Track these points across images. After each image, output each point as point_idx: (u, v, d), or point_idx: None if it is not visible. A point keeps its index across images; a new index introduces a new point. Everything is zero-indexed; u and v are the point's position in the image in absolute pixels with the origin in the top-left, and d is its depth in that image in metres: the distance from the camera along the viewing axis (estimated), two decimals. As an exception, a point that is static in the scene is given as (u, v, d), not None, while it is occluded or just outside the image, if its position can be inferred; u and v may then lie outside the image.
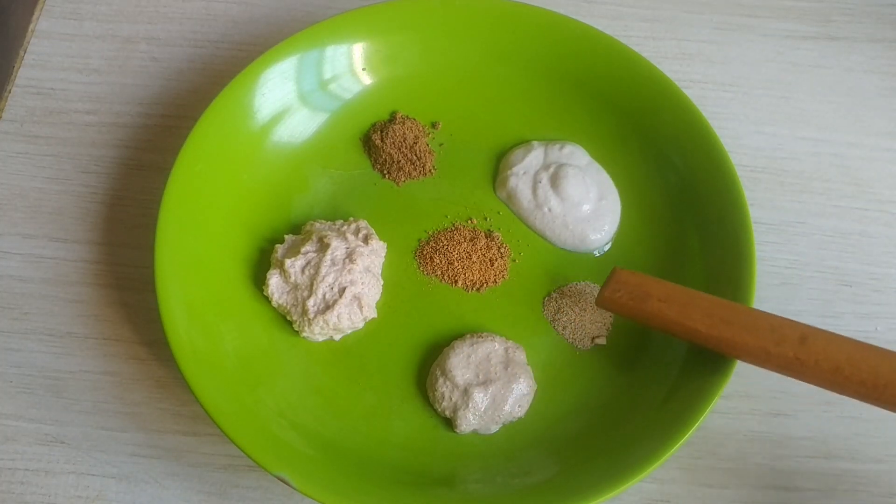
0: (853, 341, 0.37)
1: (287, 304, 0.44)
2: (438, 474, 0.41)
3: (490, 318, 0.46)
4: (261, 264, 0.46)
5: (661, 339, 0.45)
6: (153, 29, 0.56)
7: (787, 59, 0.56)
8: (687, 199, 0.48)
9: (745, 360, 0.39)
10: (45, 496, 0.42)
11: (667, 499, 0.43)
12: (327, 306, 0.43)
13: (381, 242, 0.46)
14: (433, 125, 0.51)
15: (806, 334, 0.38)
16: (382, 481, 0.40)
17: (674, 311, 0.40)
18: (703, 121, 0.47)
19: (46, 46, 0.55)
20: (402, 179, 0.50)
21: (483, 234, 0.48)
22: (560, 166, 0.48)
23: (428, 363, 0.44)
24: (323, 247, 0.44)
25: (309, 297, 0.43)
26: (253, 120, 0.48)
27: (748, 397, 0.45)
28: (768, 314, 0.39)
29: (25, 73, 0.54)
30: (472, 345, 0.43)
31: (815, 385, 0.38)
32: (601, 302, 0.42)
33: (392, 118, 0.51)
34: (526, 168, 0.49)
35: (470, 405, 0.42)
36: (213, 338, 0.42)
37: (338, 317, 0.43)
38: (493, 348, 0.43)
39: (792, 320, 0.39)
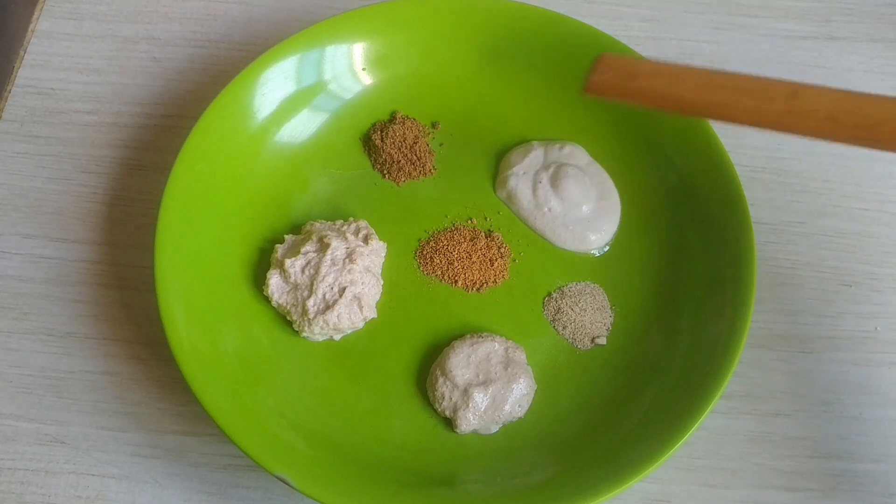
0: (841, 90, 0.37)
1: (287, 304, 0.44)
2: (438, 474, 0.41)
3: (490, 318, 0.46)
4: (261, 264, 0.46)
5: (661, 339, 0.45)
6: (153, 29, 0.56)
7: (787, 59, 0.56)
8: (687, 199, 0.48)
9: (739, 122, 0.38)
10: (45, 496, 0.42)
11: (667, 499, 0.43)
12: (327, 306, 0.43)
13: (381, 242, 0.46)
14: (433, 125, 0.51)
15: (796, 89, 0.38)
16: (382, 481, 0.40)
17: (664, 83, 0.39)
18: (703, 121, 0.47)
19: (46, 46, 0.55)
20: (402, 179, 0.50)
21: (483, 234, 0.48)
22: (560, 166, 0.48)
23: (428, 363, 0.44)
24: (323, 247, 0.44)
25: (309, 297, 0.43)
26: (253, 120, 0.48)
27: (748, 397, 0.45)
28: (758, 76, 0.39)
29: (25, 73, 0.54)
30: (472, 345, 0.43)
31: (811, 136, 0.37)
32: (590, 87, 0.40)
33: (392, 118, 0.51)
34: (526, 168, 0.49)
35: (470, 405, 0.42)
36: (213, 338, 0.42)
37: (338, 317, 0.43)
38: (493, 348, 0.43)
39: (781, 79, 0.38)
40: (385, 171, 0.50)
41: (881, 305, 0.48)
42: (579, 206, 0.48)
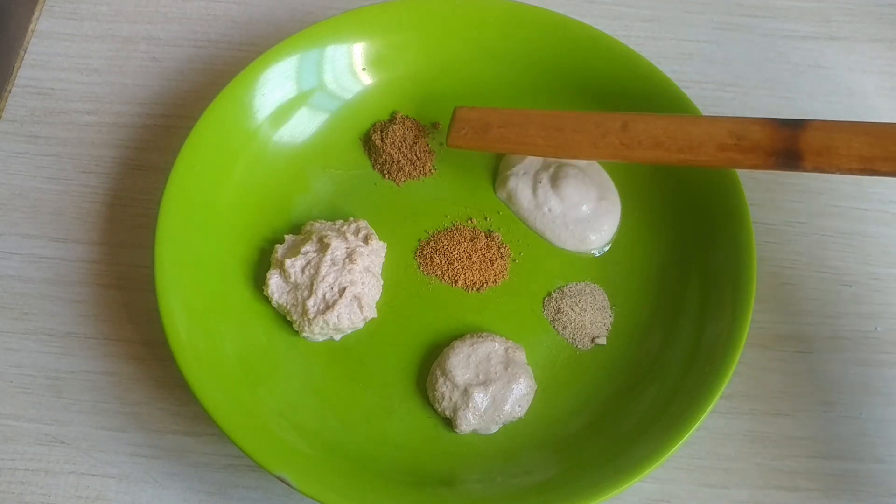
0: (671, 117, 0.42)
1: (287, 304, 0.44)
2: (438, 474, 0.41)
3: (490, 318, 0.46)
4: (261, 264, 0.46)
5: (661, 339, 0.45)
6: (153, 29, 0.56)
7: (787, 59, 0.56)
8: (687, 199, 0.48)
9: (582, 158, 0.44)
10: (45, 496, 0.42)
11: (667, 499, 0.43)
12: (327, 306, 0.43)
13: (381, 242, 0.46)
14: (433, 125, 0.51)
15: (626, 121, 0.42)
16: (382, 481, 0.40)
17: (513, 133, 0.44)
18: (703, 121, 0.47)
19: (46, 46, 0.55)
20: (402, 179, 0.50)
21: (483, 234, 0.48)
22: (560, 166, 0.48)
23: (428, 363, 0.44)
24: (323, 247, 0.44)
25: (309, 297, 0.43)
26: (253, 120, 0.48)
27: (748, 397, 0.45)
28: (594, 113, 0.44)
29: (25, 73, 0.54)
30: (472, 345, 0.43)
31: (645, 163, 0.42)
32: (451, 142, 0.46)
33: (392, 118, 0.51)
34: (526, 168, 0.49)
35: (470, 405, 0.42)
36: (213, 338, 0.42)
37: (338, 317, 0.43)
38: (493, 348, 0.43)
39: (616, 113, 0.44)
40: (385, 171, 0.50)
41: (881, 305, 0.48)
42: (579, 206, 0.48)
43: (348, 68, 0.51)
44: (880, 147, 0.38)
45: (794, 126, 0.40)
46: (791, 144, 0.39)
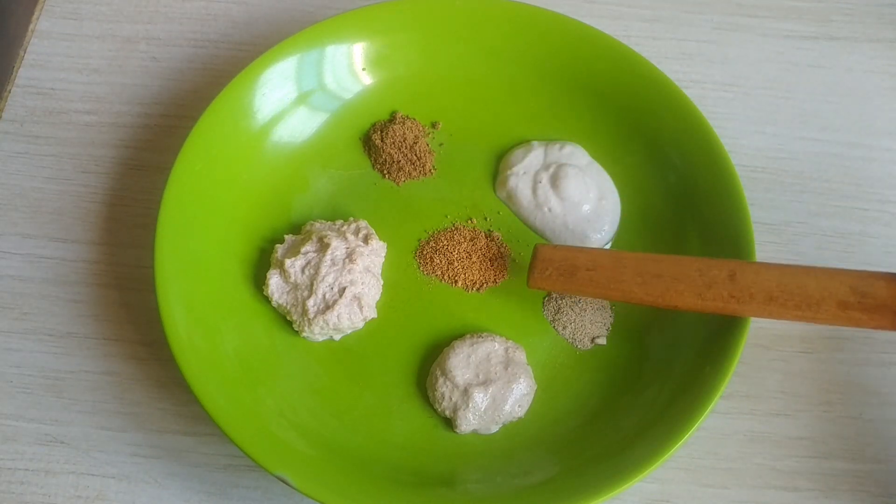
0: (781, 267, 0.38)
1: (287, 304, 0.44)
2: (438, 474, 0.41)
3: (490, 318, 0.46)
4: (261, 264, 0.46)
5: (661, 339, 0.45)
6: (153, 29, 0.56)
7: (787, 59, 0.56)
8: (687, 199, 0.48)
9: (685, 309, 0.40)
10: (45, 496, 0.42)
11: (667, 499, 0.43)
12: (327, 306, 0.43)
13: (381, 242, 0.46)
14: (433, 125, 0.51)
15: (734, 270, 0.39)
16: (382, 481, 0.40)
17: (604, 277, 0.40)
18: (703, 121, 0.47)
19: (46, 46, 0.55)
20: (402, 179, 0.50)
21: (483, 234, 0.48)
22: (560, 166, 0.48)
23: (428, 363, 0.44)
24: (323, 247, 0.44)
25: (309, 297, 0.43)
26: (253, 120, 0.48)
27: (748, 397, 0.45)
28: (696, 258, 0.40)
29: (25, 73, 0.54)
30: (472, 345, 0.43)
31: (757, 317, 0.38)
32: (533, 284, 0.42)
33: (392, 118, 0.51)
34: (526, 168, 0.49)
35: (470, 405, 0.42)
36: (213, 338, 0.42)
37: (338, 317, 0.43)
38: (493, 348, 0.43)
39: (721, 260, 0.40)
40: (385, 171, 0.50)
41: (881, 305, 0.48)
42: (579, 205, 0.48)
43: (348, 68, 0.51)
44: None
45: None
46: None
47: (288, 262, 0.44)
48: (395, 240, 0.47)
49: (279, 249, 0.45)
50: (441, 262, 0.47)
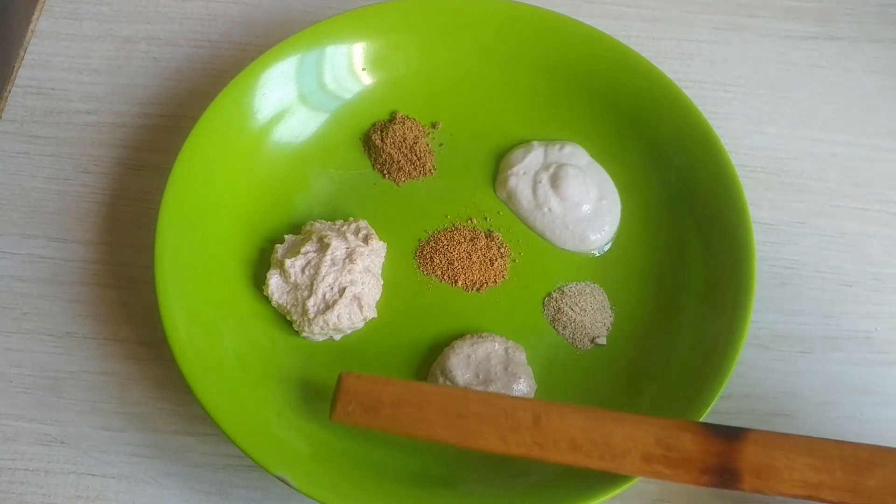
0: (591, 412, 0.37)
1: (287, 304, 0.44)
2: (438, 474, 0.41)
3: (490, 318, 0.46)
4: (261, 264, 0.46)
5: (661, 339, 0.45)
6: (153, 29, 0.56)
7: (787, 59, 0.56)
8: (687, 199, 0.48)
9: (490, 452, 0.37)
10: (45, 496, 0.42)
11: (667, 499, 0.43)
12: (327, 306, 0.43)
13: (381, 242, 0.46)
14: (433, 125, 0.51)
15: (539, 412, 0.37)
16: (382, 481, 0.40)
17: (408, 415, 0.37)
18: (703, 121, 0.47)
19: (46, 46, 0.55)
20: (402, 179, 0.50)
21: (483, 234, 0.48)
22: (560, 166, 0.48)
23: (428, 363, 0.44)
24: (323, 247, 0.44)
25: (309, 297, 0.43)
26: (253, 120, 0.48)
27: (748, 397, 0.45)
28: (503, 397, 0.38)
29: (25, 73, 0.54)
30: (472, 345, 0.43)
31: (563, 464, 0.36)
32: (335, 418, 0.38)
33: (392, 118, 0.51)
34: (526, 168, 0.49)
35: (470, 405, 0.42)
36: (213, 338, 0.42)
37: (338, 317, 0.43)
38: (493, 348, 0.43)
39: (527, 400, 0.38)
40: (385, 171, 0.50)
41: (881, 305, 0.48)
42: (579, 205, 0.48)
43: (348, 68, 0.51)
44: (827, 472, 0.34)
45: (731, 438, 0.35)
46: (726, 461, 0.35)
47: (288, 262, 0.44)
48: (395, 240, 0.47)
49: (279, 249, 0.45)
50: (441, 262, 0.47)
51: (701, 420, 0.39)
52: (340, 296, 0.43)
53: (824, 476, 0.34)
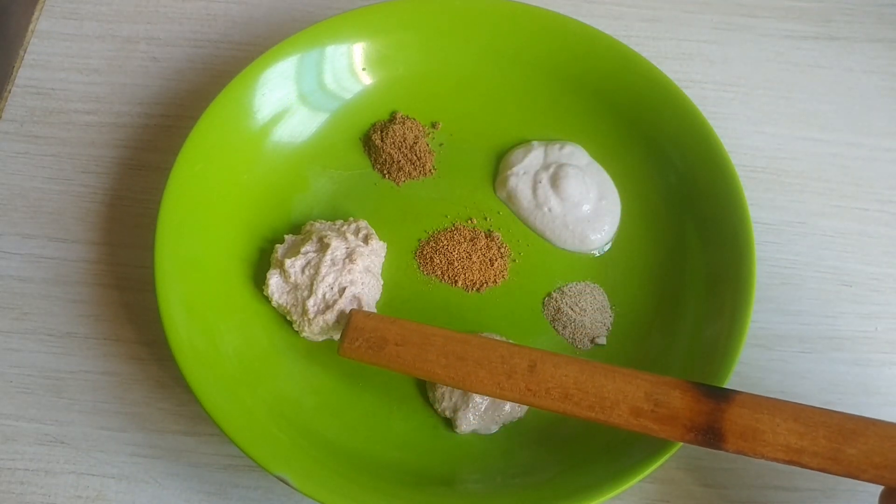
0: (584, 364, 0.38)
1: (287, 304, 0.44)
2: (438, 474, 0.41)
3: (490, 318, 0.46)
4: (261, 264, 0.46)
5: (661, 339, 0.45)
6: (153, 29, 0.56)
7: (787, 59, 0.56)
8: (687, 199, 0.48)
9: (485, 394, 0.39)
10: (45, 496, 0.42)
11: (667, 499, 0.43)
12: (327, 306, 0.43)
13: (381, 242, 0.46)
14: (433, 125, 0.51)
15: (535, 361, 0.38)
16: (382, 481, 0.40)
17: (410, 354, 0.39)
18: (703, 121, 0.47)
19: (46, 46, 0.55)
20: (402, 179, 0.50)
21: (483, 234, 0.48)
22: (560, 166, 0.48)
23: (428, 363, 0.44)
24: (323, 247, 0.44)
25: (309, 297, 0.43)
26: (253, 120, 0.48)
27: (748, 397, 0.45)
28: (502, 343, 0.39)
29: (25, 73, 0.54)
30: (472, 345, 0.43)
31: (552, 412, 0.38)
32: (342, 352, 0.41)
33: (392, 118, 0.51)
34: (526, 168, 0.49)
35: (470, 405, 0.42)
36: (213, 338, 0.42)
37: (338, 317, 0.43)
38: (493, 348, 0.43)
39: (525, 348, 0.39)
40: (385, 171, 0.50)
41: (881, 305, 0.48)
42: (579, 205, 0.48)
43: (348, 68, 0.51)
44: (810, 439, 0.35)
45: (719, 398, 0.36)
46: (713, 421, 0.36)
47: (288, 262, 0.44)
48: (395, 240, 0.48)
49: (279, 249, 0.45)
50: (441, 262, 0.47)
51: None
52: (340, 296, 0.43)
53: (807, 442, 0.35)
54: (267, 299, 0.45)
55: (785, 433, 0.35)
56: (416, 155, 0.49)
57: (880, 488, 0.43)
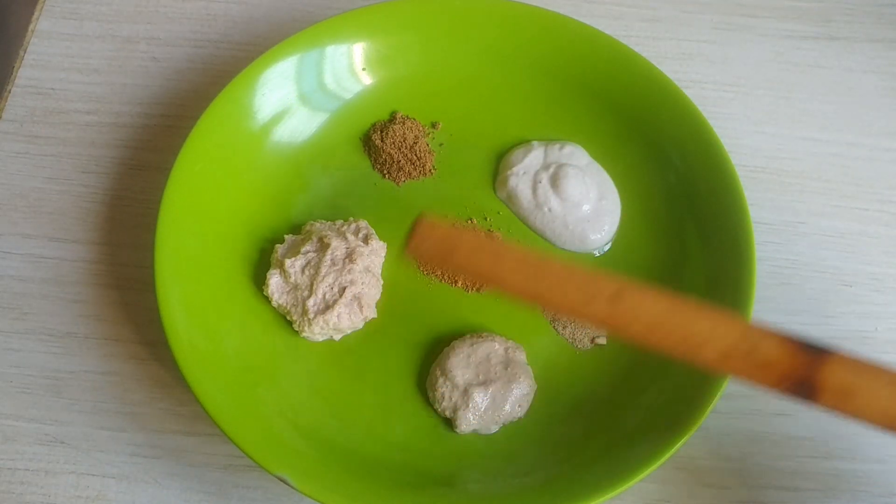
0: (671, 298, 0.35)
1: (287, 304, 0.44)
2: (438, 474, 0.41)
3: (490, 318, 0.46)
4: (261, 264, 0.46)
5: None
6: (153, 29, 0.56)
7: (787, 59, 0.56)
8: (687, 200, 0.48)
9: (564, 312, 0.37)
10: (45, 496, 0.42)
11: (667, 499, 0.43)
12: (327, 306, 0.43)
13: (381, 242, 0.46)
14: (433, 125, 0.51)
15: (620, 290, 0.35)
16: (382, 481, 0.40)
17: (484, 262, 0.37)
18: (703, 121, 0.47)
19: (46, 46, 0.55)
20: (402, 179, 0.50)
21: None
22: (560, 166, 0.48)
23: (428, 363, 0.44)
24: (323, 247, 0.44)
25: (309, 297, 0.43)
26: (253, 120, 0.48)
27: (748, 397, 0.45)
28: (586, 269, 0.36)
29: (25, 73, 0.54)
30: (472, 345, 0.43)
31: (634, 341, 0.35)
32: (410, 251, 0.38)
33: (392, 118, 0.51)
34: (526, 168, 0.49)
35: (470, 405, 0.42)
36: (213, 338, 0.42)
37: (338, 317, 0.43)
38: (493, 348, 0.43)
39: (611, 275, 0.36)
40: (385, 171, 0.50)
41: (881, 305, 0.48)
42: (579, 205, 0.48)
43: (348, 68, 0.51)
44: None
45: (816, 353, 0.34)
46: (808, 374, 0.34)
47: (288, 262, 0.44)
48: (395, 240, 0.48)
49: (279, 249, 0.45)
50: (441, 262, 0.47)
51: (703, 418, 0.39)
52: (340, 296, 0.43)
53: None
54: (267, 299, 0.45)
55: (885, 398, 0.34)
56: (416, 155, 0.49)
57: (878, 489, 0.43)
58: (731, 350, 0.34)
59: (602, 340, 0.45)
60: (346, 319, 0.43)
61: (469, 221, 0.49)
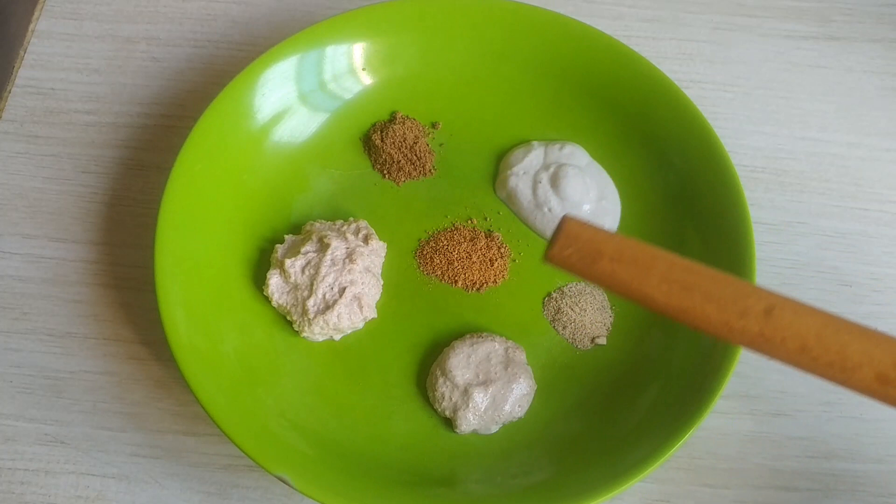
0: (827, 316, 0.33)
1: (287, 304, 0.44)
2: (438, 474, 0.41)
3: (490, 318, 0.46)
4: (261, 264, 0.46)
5: (661, 339, 0.45)
6: (153, 29, 0.56)
7: (787, 59, 0.56)
8: (687, 199, 0.48)
9: (707, 333, 0.35)
10: (45, 496, 0.42)
11: (667, 499, 0.43)
12: (327, 306, 0.43)
13: (381, 242, 0.46)
14: (433, 125, 0.51)
15: (773, 305, 0.33)
16: (382, 481, 0.40)
17: (628, 273, 0.35)
18: (703, 121, 0.47)
19: (46, 46, 0.55)
20: (402, 179, 0.50)
21: (483, 234, 0.48)
22: (560, 166, 0.48)
23: (428, 363, 0.44)
24: (323, 247, 0.44)
25: (309, 297, 0.43)
26: (253, 120, 0.48)
27: (748, 397, 0.45)
28: (736, 279, 0.35)
29: (25, 73, 0.54)
30: (472, 345, 0.43)
31: (783, 363, 0.34)
32: (549, 259, 0.36)
33: (392, 118, 0.51)
34: (526, 168, 0.49)
35: (470, 405, 0.42)
36: (213, 338, 0.42)
37: (338, 317, 0.43)
38: (493, 348, 0.43)
39: (761, 288, 0.34)
40: (385, 171, 0.50)
41: (881, 305, 0.48)
42: (579, 205, 0.48)
43: (348, 68, 0.51)
44: None
45: None
46: None
47: (288, 262, 0.44)
48: (395, 240, 0.48)
49: (279, 249, 0.45)
50: (441, 262, 0.47)
51: (703, 418, 0.39)
52: (340, 296, 0.43)
53: None
54: (267, 299, 0.45)
55: None
56: (416, 155, 0.49)
57: (878, 489, 0.43)
58: (887, 374, 0.32)
59: (602, 340, 0.45)
60: (346, 319, 0.43)
61: (469, 221, 0.49)
